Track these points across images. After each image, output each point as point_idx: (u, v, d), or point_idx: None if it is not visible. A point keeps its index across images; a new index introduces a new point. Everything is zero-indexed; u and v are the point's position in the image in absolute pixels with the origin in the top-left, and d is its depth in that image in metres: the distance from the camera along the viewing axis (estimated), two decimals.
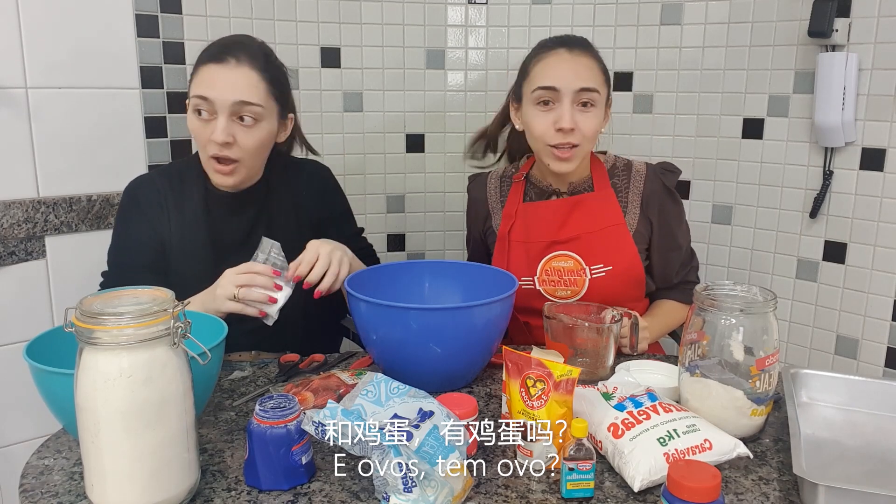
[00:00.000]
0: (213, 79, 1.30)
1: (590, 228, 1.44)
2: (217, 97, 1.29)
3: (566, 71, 1.37)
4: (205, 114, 1.31)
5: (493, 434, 1.05)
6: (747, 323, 1.02)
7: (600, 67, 1.41)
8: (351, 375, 1.18)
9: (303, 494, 0.90)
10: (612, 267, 1.42)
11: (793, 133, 1.84)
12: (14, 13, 1.50)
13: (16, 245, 1.55)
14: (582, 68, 1.38)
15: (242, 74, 1.31)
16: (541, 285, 1.45)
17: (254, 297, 1.24)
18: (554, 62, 1.39)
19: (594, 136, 1.41)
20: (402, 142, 2.08)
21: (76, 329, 0.81)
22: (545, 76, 1.39)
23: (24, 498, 0.90)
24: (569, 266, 1.43)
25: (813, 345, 1.87)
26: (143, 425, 0.81)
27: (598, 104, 1.39)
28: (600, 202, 1.45)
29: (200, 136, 1.33)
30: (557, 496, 0.90)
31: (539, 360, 0.96)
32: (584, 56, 1.40)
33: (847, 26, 1.68)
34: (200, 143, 1.34)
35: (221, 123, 1.29)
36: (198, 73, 1.33)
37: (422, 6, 1.99)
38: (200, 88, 1.30)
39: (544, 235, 1.45)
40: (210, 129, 1.30)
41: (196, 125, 1.32)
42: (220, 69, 1.30)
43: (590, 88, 1.37)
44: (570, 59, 1.39)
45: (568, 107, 1.36)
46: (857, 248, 1.76)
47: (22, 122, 1.53)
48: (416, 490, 0.81)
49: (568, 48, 1.40)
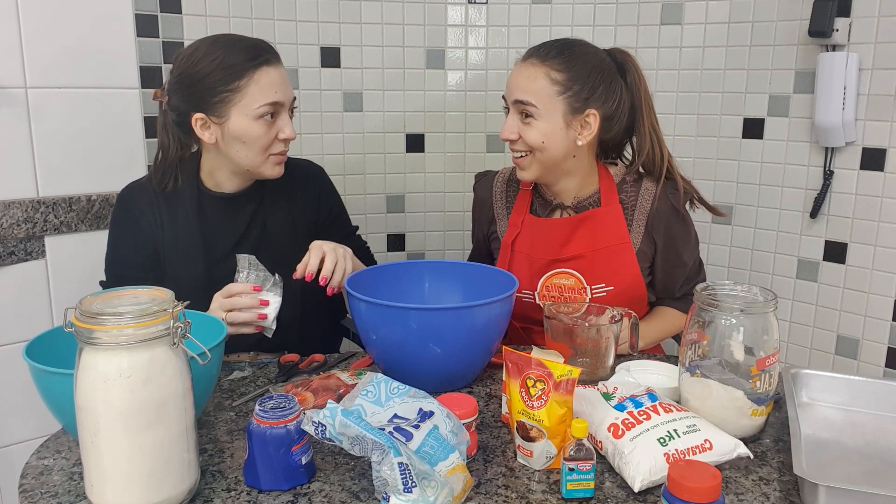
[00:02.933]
0: (275, 81, 1.32)
1: (593, 247, 1.41)
2: (285, 97, 1.33)
3: (512, 81, 1.37)
4: (272, 116, 1.33)
5: (493, 434, 1.05)
6: (747, 323, 1.02)
7: (553, 78, 1.33)
8: (351, 375, 1.17)
9: (303, 494, 0.90)
10: (613, 287, 1.40)
11: (793, 133, 1.84)
12: (14, 13, 1.50)
13: (15, 245, 1.55)
14: (521, 79, 1.35)
15: (285, 72, 1.36)
16: (541, 300, 1.44)
17: (243, 319, 1.28)
18: (514, 71, 1.39)
19: (543, 147, 1.35)
20: (402, 142, 2.08)
21: (76, 329, 0.80)
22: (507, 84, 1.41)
23: (24, 498, 0.90)
24: (570, 284, 1.42)
25: (813, 345, 1.87)
26: (142, 425, 0.81)
27: (541, 116, 1.34)
28: (606, 219, 1.42)
29: (265, 138, 1.33)
30: (557, 496, 0.90)
31: (539, 360, 0.96)
32: (533, 66, 1.35)
33: (847, 26, 1.68)
34: (265, 144, 1.33)
35: (288, 120, 1.35)
36: (254, 78, 1.30)
37: (422, 6, 1.99)
38: (269, 95, 1.30)
39: (547, 253, 1.43)
40: (275, 130, 1.33)
41: (262, 129, 1.32)
42: (274, 70, 1.32)
43: (522, 101, 1.34)
44: (517, 71, 1.37)
45: (512, 116, 1.37)
46: (857, 248, 1.76)
47: (22, 122, 1.53)
48: (416, 490, 0.81)
49: (525, 57, 1.38)
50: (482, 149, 2.10)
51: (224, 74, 1.29)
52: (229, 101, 1.30)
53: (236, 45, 1.32)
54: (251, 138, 1.32)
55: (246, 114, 1.30)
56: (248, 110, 1.30)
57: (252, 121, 1.31)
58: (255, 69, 1.30)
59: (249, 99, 1.30)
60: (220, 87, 1.29)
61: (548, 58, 1.35)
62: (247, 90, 1.30)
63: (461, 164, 2.10)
